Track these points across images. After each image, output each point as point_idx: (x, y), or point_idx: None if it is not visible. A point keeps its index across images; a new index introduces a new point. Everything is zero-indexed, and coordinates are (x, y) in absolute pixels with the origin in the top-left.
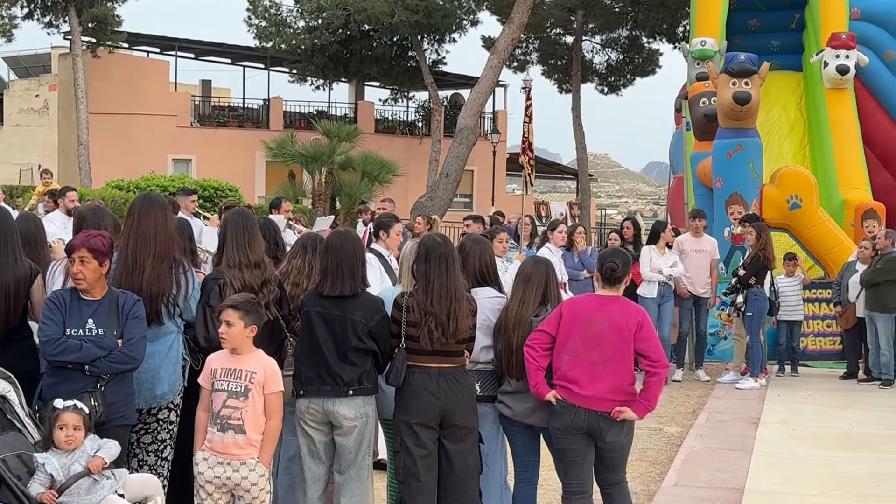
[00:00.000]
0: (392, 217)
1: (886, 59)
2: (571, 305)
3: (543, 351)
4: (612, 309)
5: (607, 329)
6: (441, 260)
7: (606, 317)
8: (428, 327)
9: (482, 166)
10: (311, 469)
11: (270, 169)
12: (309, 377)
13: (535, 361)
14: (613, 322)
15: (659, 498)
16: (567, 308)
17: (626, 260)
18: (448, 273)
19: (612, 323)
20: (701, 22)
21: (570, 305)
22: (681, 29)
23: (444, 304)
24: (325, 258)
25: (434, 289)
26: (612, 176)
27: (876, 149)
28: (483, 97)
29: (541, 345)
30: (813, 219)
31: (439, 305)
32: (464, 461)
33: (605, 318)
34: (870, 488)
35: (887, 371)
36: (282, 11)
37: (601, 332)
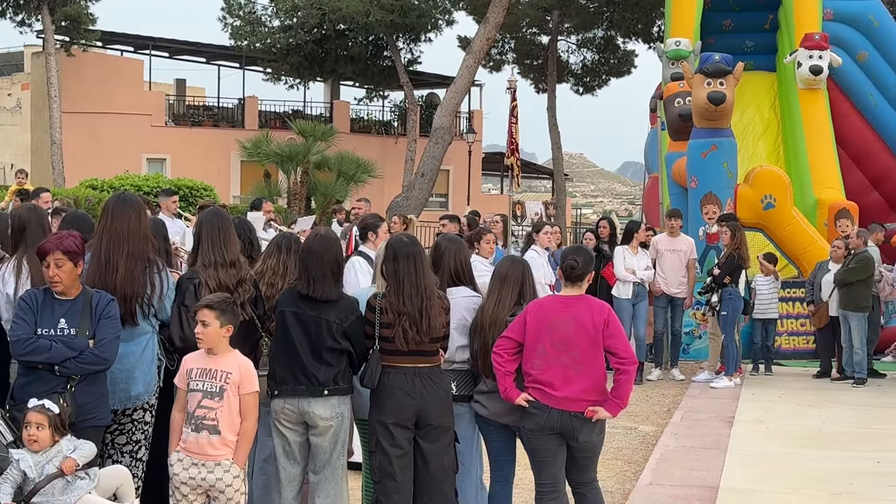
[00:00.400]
0: (378, 217)
1: (859, 59)
2: (536, 309)
3: (510, 356)
4: (577, 309)
5: (575, 331)
6: (409, 259)
7: (573, 318)
8: (402, 327)
9: (458, 166)
10: (286, 469)
11: (245, 168)
12: (284, 377)
13: (503, 367)
14: (580, 323)
15: (634, 497)
16: (531, 312)
17: (587, 258)
18: (417, 272)
19: (579, 324)
20: (675, 22)
21: (534, 309)
22: (655, 29)
23: (415, 303)
24: (305, 260)
25: (404, 288)
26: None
27: (849, 149)
28: (459, 97)
29: (507, 350)
30: (787, 218)
31: (411, 304)
32: (439, 461)
33: (571, 320)
34: (842, 486)
35: (860, 370)
36: (257, 10)
37: (569, 334)
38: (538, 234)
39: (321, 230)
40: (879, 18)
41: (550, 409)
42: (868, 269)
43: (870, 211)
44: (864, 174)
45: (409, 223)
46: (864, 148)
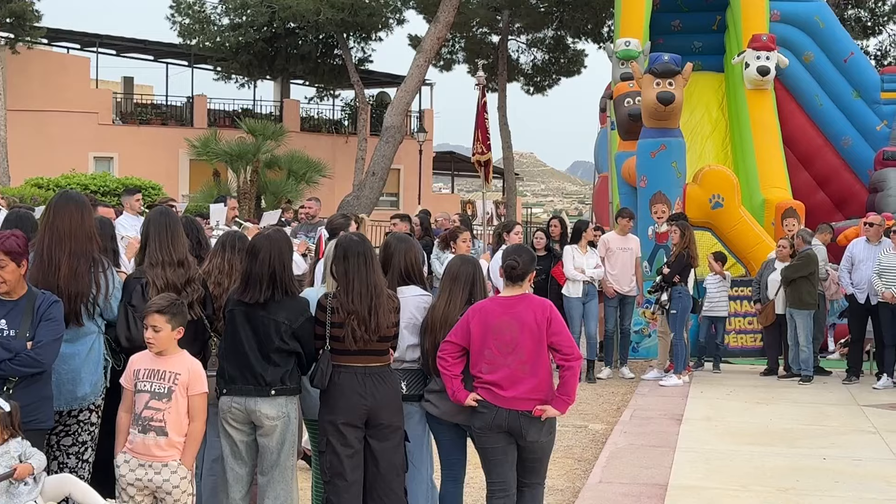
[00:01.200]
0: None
1: (805, 60)
2: (478, 313)
3: (455, 359)
4: (519, 310)
5: (519, 332)
6: (359, 258)
7: (516, 319)
8: (351, 326)
9: (409, 165)
10: (234, 470)
11: (194, 167)
12: (232, 376)
13: (449, 370)
14: (524, 323)
15: (584, 495)
16: (474, 316)
17: (528, 257)
18: (367, 270)
19: (522, 324)
20: (625, 22)
21: (476, 313)
22: (605, 29)
23: (364, 302)
24: (252, 262)
25: (354, 287)
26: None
27: (795, 149)
28: (409, 96)
29: (451, 354)
30: (734, 217)
31: (360, 303)
32: (390, 460)
33: (514, 321)
34: (790, 482)
35: (806, 367)
36: (205, 9)
37: (513, 336)
38: (509, 233)
39: (269, 230)
40: (825, 20)
41: (499, 408)
42: (810, 266)
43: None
44: (811, 174)
45: (361, 222)
46: (811, 148)
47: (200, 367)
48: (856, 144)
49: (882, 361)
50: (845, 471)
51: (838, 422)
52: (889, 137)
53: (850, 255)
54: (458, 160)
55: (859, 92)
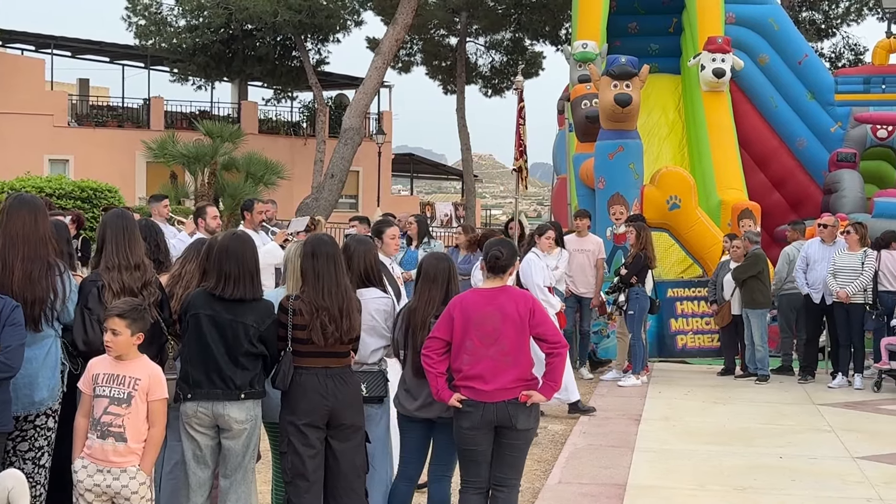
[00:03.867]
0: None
1: (760, 62)
2: (460, 305)
3: (440, 357)
4: (502, 301)
5: (501, 323)
6: (329, 258)
7: (498, 310)
8: (321, 322)
9: (367, 167)
10: (196, 474)
11: (151, 169)
12: (198, 380)
13: (434, 368)
14: (506, 314)
15: (544, 495)
16: (456, 308)
17: (511, 250)
18: (336, 270)
19: (504, 315)
20: (582, 25)
21: (458, 305)
22: (563, 31)
23: (335, 300)
24: (226, 262)
25: (324, 285)
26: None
27: (751, 150)
28: (368, 98)
29: (436, 351)
30: (691, 219)
31: (331, 300)
32: (351, 460)
33: (496, 312)
34: (747, 481)
35: (762, 367)
36: (162, 10)
37: (496, 326)
38: (540, 237)
39: (237, 231)
40: (779, 23)
41: (485, 403)
42: (758, 266)
43: (771, 211)
44: (766, 175)
45: (318, 225)
46: (766, 149)
47: (160, 372)
48: (810, 146)
49: (837, 361)
50: (802, 469)
51: (794, 420)
52: (843, 139)
53: (805, 256)
54: (418, 162)
55: (814, 94)
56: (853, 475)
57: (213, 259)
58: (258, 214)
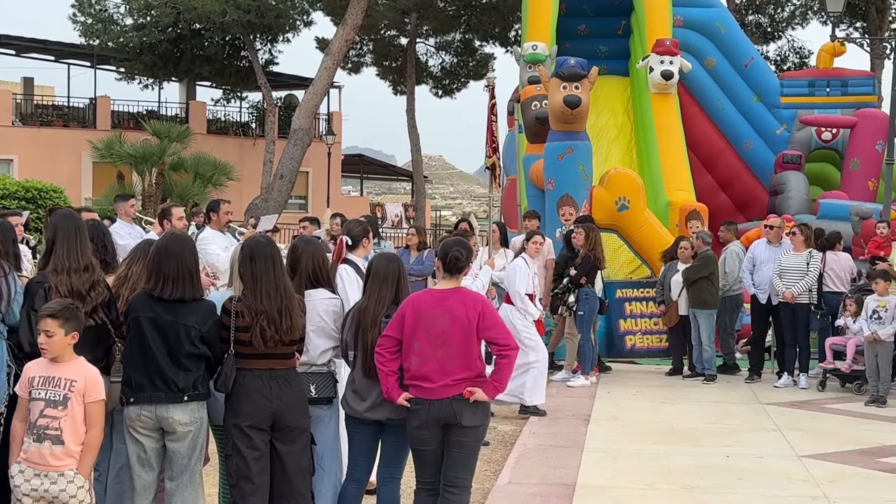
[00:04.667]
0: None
1: (708, 65)
2: (412, 304)
3: (392, 355)
4: (452, 303)
5: (449, 325)
6: (267, 260)
7: (447, 312)
8: (260, 326)
9: (317, 168)
10: (141, 477)
11: (98, 170)
12: (140, 383)
13: (385, 366)
14: (455, 317)
15: (493, 496)
16: (408, 308)
17: (469, 251)
18: (275, 272)
19: (453, 318)
20: (532, 26)
21: (411, 305)
22: (513, 33)
23: (274, 302)
24: (165, 262)
25: (262, 288)
26: (447, 178)
27: (699, 152)
28: (317, 98)
29: (388, 349)
30: (640, 220)
31: (269, 303)
32: (296, 462)
33: (446, 314)
34: (694, 480)
35: (710, 366)
36: (108, 8)
37: (444, 329)
38: (528, 242)
39: (177, 232)
40: (726, 26)
41: (430, 401)
42: (709, 267)
43: (719, 212)
44: (713, 177)
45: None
46: (713, 151)
47: (97, 374)
48: (757, 148)
49: (783, 360)
50: (748, 468)
51: (741, 420)
52: (788, 141)
53: (751, 257)
54: (367, 163)
55: (760, 96)
56: (798, 474)
57: (152, 260)
58: (224, 215)
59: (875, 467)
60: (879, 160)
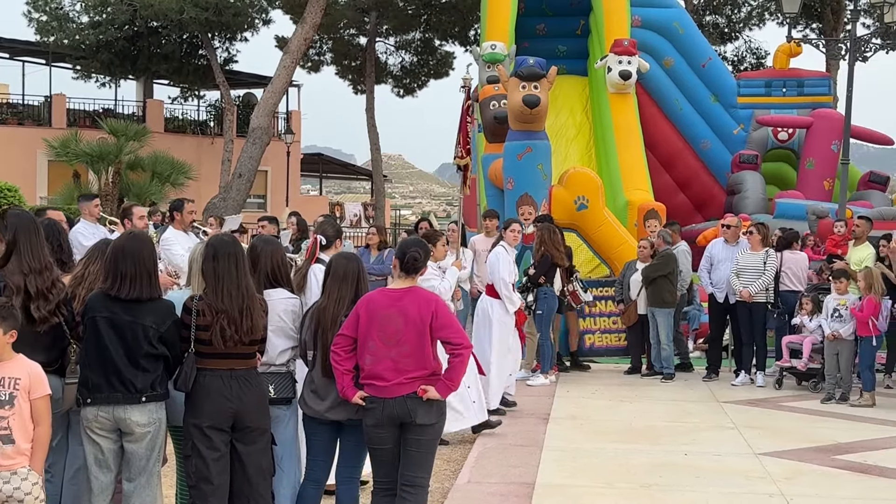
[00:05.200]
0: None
1: (665, 65)
2: (366, 304)
3: (347, 354)
4: (406, 303)
5: (403, 325)
6: (230, 258)
7: (401, 312)
8: (220, 325)
9: (276, 167)
10: (99, 479)
11: (53, 168)
12: (98, 384)
13: (341, 365)
14: (408, 317)
15: (453, 495)
16: (363, 307)
17: (427, 251)
18: (238, 271)
19: (406, 318)
20: (491, 26)
21: (365, 304)
22: (472, 32)
23: (235, 302)
24: (122, 261)
25: (224, 286)
26: (406, 177)
27: (657, 152)
28: (276, 97)
29: (343, 348)
30: (599, 219)
31: (230, 303)
32: (256, 463)
33: (399, 314)
34: (653, 479)
35: (668, 365)
36: (64, 5)
37: (397, 328)
38: (506, 230)
39: (135, 231)
40: (684, 26)
41: (385, 399)
42: (669, 266)
43: (677, 212)
44: (671, 176)
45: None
46: (671, 151)
47: (40, 369)
48: (714, 148)
49: (740, 359)
50: (706, 466)
51: (699, 418)
52: (745, 141)
53: (709, 256)
54: (327, 162)
55: (717, 96)
56: (756, 471)
57: (109, 259)
58: (188, 215)
59: (831, 465)
60: (835, 160)
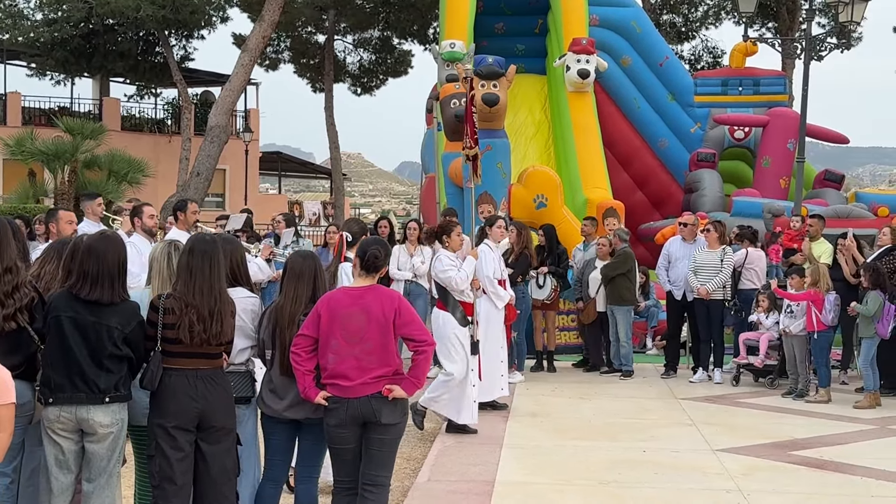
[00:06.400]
0: None
1: (623, 64)
2: (328, 303)
3: (308, 354)
4: (368, 301)
5: (366, 323)
6: (205, 257)
7: (363, 309)
8: (189, 320)
9: (234, 165)
10: (59, 480)
11: (8, 167)
12: (60, 384)
13: (302, 366)
14: (371, 315)
15: (413, 494)
16: (324, 306)
17: (387, 250)
18: (211, 271)
19: (369, 316)
20: (450, 24)
21: (326, 303)
22: (431, 31)
23: (206, 301)
24: (87, 261)
25: (195, 283)
26: (366, 175)
27: (615, 150)
28: (234, 95)
29: (304, 349)
30: (558, 217)
31: (201, 299)
32: (221, 463)
33: (362, 312)
34: (612, 475)
35: (627, 362)
36: (18, 2)
37: (360, 326)
38: (491, 227)
39: (107, 232)
40: (641, 25)
41: (349, 399)
42: (627, 264)
43: (635, 210)
44: (629, 174)
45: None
46: (629, 149)
47: (8, 376)
48: (672, 146)
49: (698, 356)
50: (664, 462)
51: (658, 415)
52: (702, 139)
53: (666, 254)
54: (285, 160)
55: (674, 95)
56: (713, 467)
57: (77, 257)
58: (192, 215)
59: (787, 460)
60: (791, 158)
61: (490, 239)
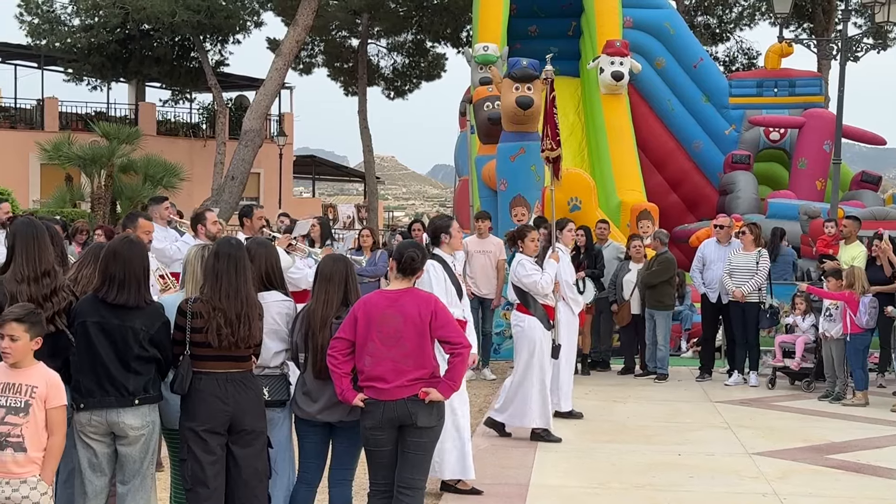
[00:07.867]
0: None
1: (657, 66)
2: (364, 306)
3: (345, 357)
4: (404, 303)
5: (402, 325)
6: (231, 261)
7: (400, 312)
8: (217, 323)
9: (269, 169)
10: (93, 483)
11: (45, 172)
12: (90, 389)
13: (339, 368)
14: (408, 317)
15: (447, 496)
16: (360, 309)
17: (424, 252)
18: (237, 274)
19: (406, 318)
20: (483, 27)
21: (362, 306)
22: (464, 34)
23: (233, 304)
24: (113, 265)
25: (222, 286)
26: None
27: (649, 152)
28: (268, 99)
29: (341, 352)
30: (592, 219)
31: (228, 303)
32: (253, 466)
33: (398, 314)
34: (646, 479)
35: (662, 366)
36: (55, 8)
37: (397, 328)
38: (562, 231)
39: (130, 236)
40: (675, 27)
41: (385, 402)
42: (670, 271)
43: (669, 212)
44: (663, 177)
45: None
46: (663, 151)
47: (59, 379)
48: (706, 148)
49: (733, 359)
50: (699, 465)
51: (692, 418)
52: (737, 141)
53: (701, 256)
54: (319, 164)
55: (709, 97)
56: (749, 471)
57: (101, 262)
58: (258, 220)
59: (824, 464)
60: (827, 160)
61: (561, 242)
